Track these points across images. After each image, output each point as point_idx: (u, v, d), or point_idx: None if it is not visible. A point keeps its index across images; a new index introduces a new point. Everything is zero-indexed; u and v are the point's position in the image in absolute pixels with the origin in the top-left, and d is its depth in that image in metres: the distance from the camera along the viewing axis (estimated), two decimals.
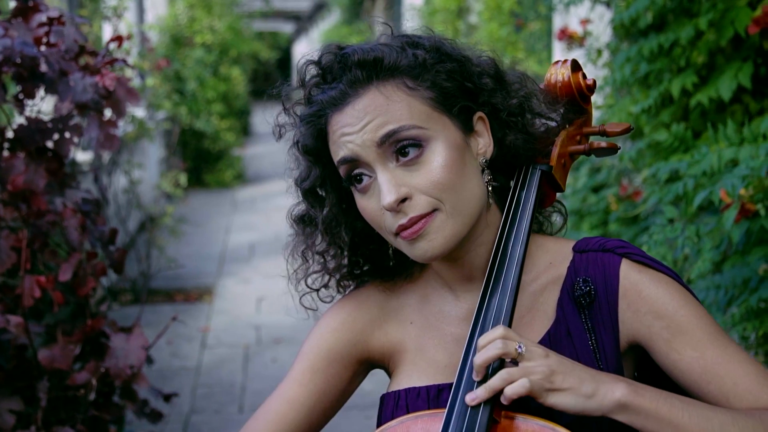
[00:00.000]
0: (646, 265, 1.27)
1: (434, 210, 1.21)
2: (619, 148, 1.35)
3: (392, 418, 1.31)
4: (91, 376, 2.45)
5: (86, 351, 2.52)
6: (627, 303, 1.26)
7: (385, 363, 1.40)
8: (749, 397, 1.20)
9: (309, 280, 1.39)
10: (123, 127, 5.85)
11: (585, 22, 4.28)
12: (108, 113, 2.50)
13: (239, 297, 6.22)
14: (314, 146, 1.29)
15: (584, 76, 1.36)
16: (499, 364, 1.15)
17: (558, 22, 6.10)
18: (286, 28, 34.06)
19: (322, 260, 1.37)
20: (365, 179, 1.24)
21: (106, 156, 5.79)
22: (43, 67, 2.34)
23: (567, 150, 1.33)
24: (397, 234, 1.23)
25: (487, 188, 1.27)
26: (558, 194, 1.38)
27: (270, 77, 37.28)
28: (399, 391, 1.34)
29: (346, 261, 1.36)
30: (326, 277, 1.38)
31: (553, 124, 1.34)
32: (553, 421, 1.16)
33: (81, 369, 2.53)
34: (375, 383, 4.40)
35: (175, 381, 4.47)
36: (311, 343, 1.40)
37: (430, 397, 1.30)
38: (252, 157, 15.49)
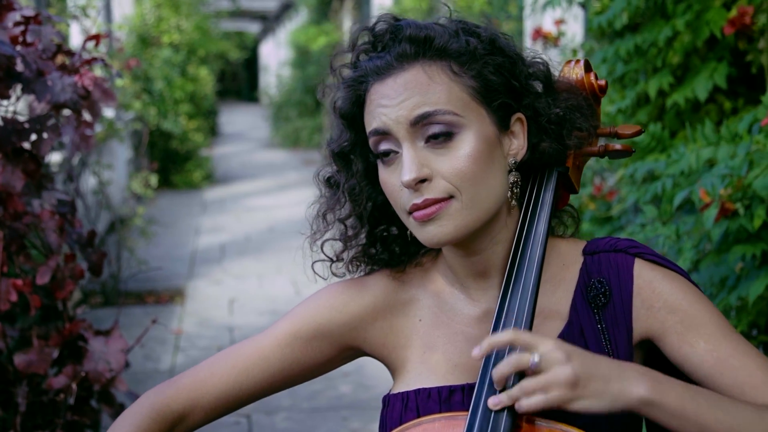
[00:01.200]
0: (657, 263, 1.28)
1: (450, 197, 1.20)
2: (634, 151, 1.34)
3: (401, 420, 1.28)
4: (69, 381, 2.42)
5: (64, 355, 2.48)
6: (641, 300, 1.26)
7: (384, 356, 1.37)
8: (765, 388, 1.19)
9: (325, 247, 1.37)
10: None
11: (559, 22, 4.30)
12: (84, 113, 2.47)
13: (211, 298, 6.17)
14: (350, 111, 1.28)
15: (596, 77, 1.35)
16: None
17: (530, 23, 6.13)
18: (253, 28, 33.91)
19: (342, 227, 1.35)
20: (391, 153, 1.23)
21: (75, 157, 5.71)
22: (19, 67, 2.30)
23: (582, 152, 1.33)
24: (410, 213, 1.22)
25: (512, 189, 1.26)
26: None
27: (237, 77, 37.13)
28: (408, 392, 1.30)
29: (363, 236, 1.34)
30: (341, 248, 1.36)
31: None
32: (573, 425, 1.16)
33: (58, 373, 2.50)
34: (353, 384, 4.39)
35: (148, 384, 4.42)
36: (305, 310, 1.37)
37: (442, 399, 1.28)
38: (220, 157, 15.41)
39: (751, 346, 1.23)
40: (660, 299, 1.25)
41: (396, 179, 1.23)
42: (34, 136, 2.33)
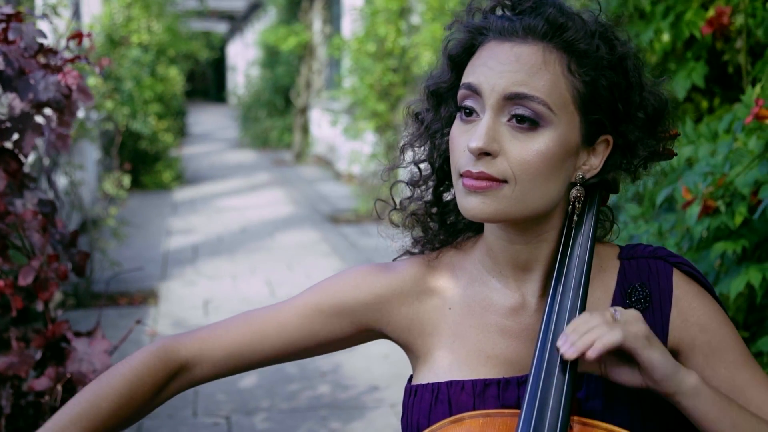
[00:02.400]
0: (693, 276, 1.31)
1: (504, 181, 1.19)
2: (676, 154, 1.34)
3: (431, 412, 1.26)
4: (52, 383, 2.39)
5: (46, 357, 2.46)
6: (678, 311, 1.28)
7: (408, 342, 1.35)
8: None
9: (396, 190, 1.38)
10: None
11: None
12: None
13: (185, 299, 6.13)
14: (459, 55, 1.26)
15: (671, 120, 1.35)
16: None
17: None
18: (220, 28, 33.72)
19: (416, 172, 1.35)
20: (473, 113, 1.21)
21: (47, 157, 5.64)
22: (0, 65, 2.27)
23: None
24: (461, 175, 1.21)
25: (575, 204, 1.25)
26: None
27: (204, 78, 36.90)
28: (439, 383, 1.28)
29: (430, 190, 1.34)
30: (408, 193, 1.36)
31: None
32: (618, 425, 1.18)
33: (39, 375, 2.47)
34: (331, 385, 4.37)
35: None
36: (330, 285, 1.35)
37: (476, 393, 1.25)
38: (189, 158, 15.32)
39: (765, 376, 1.27)
40: (695, 315, 1.27)
41: (465, 140, 1.21)
42: (16, 135, 2.30)
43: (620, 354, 1.15)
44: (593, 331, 1.11)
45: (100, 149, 9.61)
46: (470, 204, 1.20)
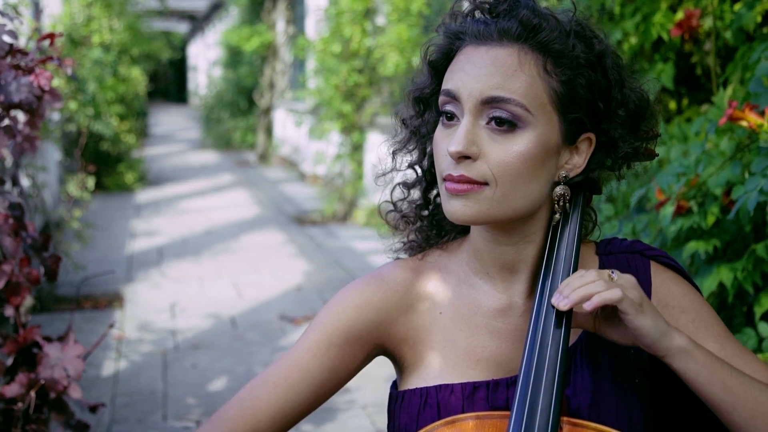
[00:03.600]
0: (670, 265, 1.33)
1: (485, 183, 1.19)
2: (657, 155, 1.36)
3: (419, 416, 1.26)
4: (24, 389, 2.35)
5: (17, 362, 2.41)
6: (658, 299, 1.30)
7: (402, 352, 1.33)
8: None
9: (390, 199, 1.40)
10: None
11: None
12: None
13: (151, 302, 6.07)
14: (438, 61, 1.28)
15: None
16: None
17: None
18: (181, 27, 33.46)
19: (410, 175, 1.38)
20: (454, 117, 1.23)
21: (8, 159, 5.56)
22: None
23: None
24: (444, 180, 1.22)
25: (558, 202, 1.25)
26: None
27: (164, 78, 36.60)
28: (427, 387, 1.27)
29: (420, 192, 1.36)
30: (400, 194, 1.38)
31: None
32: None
33: (10, 381, 2.43)
34: None
35: (92, 391, 4.33)
36: (331, 316, 1.33)
37: (465, 395, 1.25)
38: (151, 159, 15.19)
39: (749, 351, 1.30)
40: (675, 298, 1.30)
41: (446, 144, 1.22)
42: None
43: (612, 314, 1.18)
44: (591, 285, 1.14)
45: (62, 151, 9.49)
46: (453, 207, 1.21)
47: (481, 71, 1.19)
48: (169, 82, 38.90)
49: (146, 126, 17.84)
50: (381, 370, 4.60)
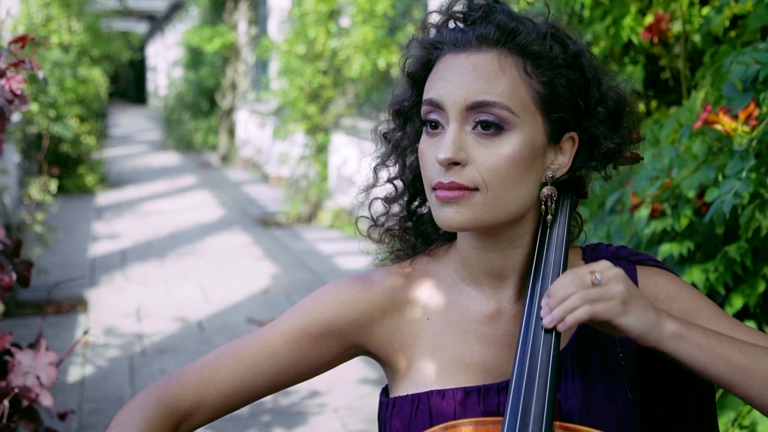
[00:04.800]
0: (656, 266, 1.33)
1: (476, 189, 1.19)
2: (642, 158, 1.36)
3: (410, 423, 1.26)
4: None
5: None
6: (646, 295, 1.28)
7: (388, 356, 1.33)
8: None
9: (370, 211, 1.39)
10: None
11: None
12: None
13: (116, 307, 6.00)
14: (418, 72, 1.28)
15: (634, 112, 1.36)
16: None
17: None
18: (139, 28, 33.15)
19: (390, 188, 1.36)
20: (439, 126, 1.22)
21: None
22: None
23: None
24: (434, 189, 1.22)
25: (546, 203, 1.25)
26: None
27: (123, 79, 36.24)
28: (419, 394, 1.27)
29: (403, 205, 1.35)
30: (382, 209, 1.36)
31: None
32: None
33: None
34: (292, 397, 4.33)
35: (58, 398, 4.26)
36: (313, 305, 1.32)
37: (456, 401, 1.25)
38: (111, 160, 15.02)
39: (744, 324, 1.30)
40: (662, 290, 1.30)
41: (433, 152, 1.22)
42: None
43: None
44: (567, 302, 1.13)
45: (20, 153, 9.34)
46: (445, 215, 1.21)
47: (464, 78, 1.19)
48: (128, 83, 38.51)
49: (106, 127, 17.63)
50: (352, 372, 4.60)
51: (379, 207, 1.39)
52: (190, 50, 16.75)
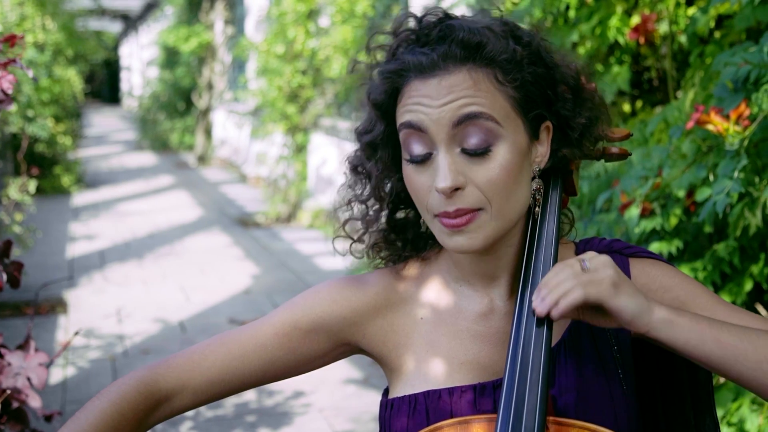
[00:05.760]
0: (649, 258, 1.33)
1: (480, 209, 1.20)
2: (630, 154, 1.37)
3: (408, 424, 1.26)
4: None
5: None
6: (639, 287, 1.28)
7: (382, 355, 1.35)
8: None
9: (348, 227, 1.36)
10: None
11: None
12: None
13: (96, 308, 5.95)
14: (384, 102, 1.25)
15: (587, 80, 1.35)
16: None
17: None
18: (113, 27, 32.90)
19: (363, 209, 1.34)
20: (423, 152, 1.21)
21: None
22: None
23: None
24: (436, 216, 1.21)
25: (535, 196, 1.26)
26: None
27: (96, 78, 35.98)
28: (416, 394, 1.28)
29: (384, 220, 1.34)
30: (362, 229, 1.35)
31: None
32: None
33: None
34: (256, 391, 4.32)
35: (41, 399, 4.22)
36: (305, 301, 1.34)
37: (452, 400, 1.26)
38: (87, 160, 14.91)
39: (741, 308, 1.30)
40: (655, 281, 1.30)
41: (425, 179, 1.21)
42: None
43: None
44: (559, 287, 1.14)
45: None
46: (458, 243, 1.22)
47: (442, 101, 1.19)
48: (102, 83, 38.22)
49: (81, 127, 17.49)
50: (337, 373, 4.60)
51: (356, 224, 1.38)
52: (165, 50, 16.65)
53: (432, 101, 1.19)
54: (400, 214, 1.36)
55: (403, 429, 1.28)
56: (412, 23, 1.25)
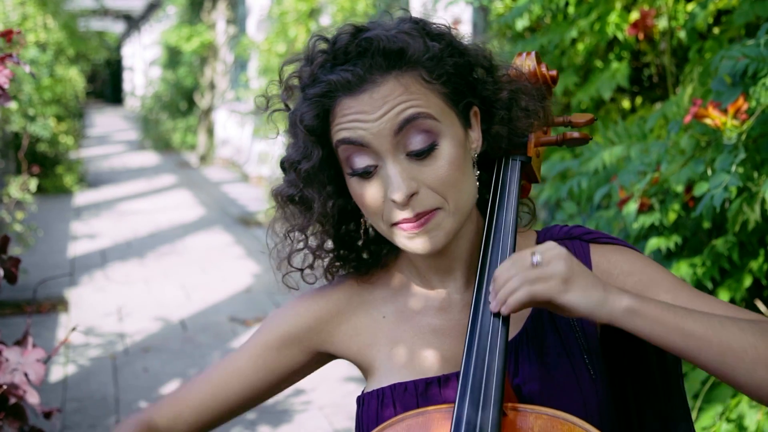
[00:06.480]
0: (611, 243, 1.33)
1: (437, 208, 1.21)
2: (591, 138, 1.37)
3: (377, 417, 1.28)
4: None
5: None
6: (600, 273, 1.29)
7: (353, 357, 1.38)
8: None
9: (293, 260, 1.35)
10: None
11: (457, 23, 4.37)
12: None
13: (98, 306, 5.95)
14: (317, 126, 1.23)
15: (547, 68, 1.37)
16: None
17: None
18: (116, 27, 32.91)
19: (303, 237, 1.33)
20: (368, 166, 1.21)
21: None
22: None
23: (540, 141, 1.34)
24: (394, 224, 1.22)
25: (476, 183, 1.27)
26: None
27: (100, 78, 36.00)
28: (383, 388, 1.30)
29: (330, 242, 1.34)
30: (311, 258, 1.35)
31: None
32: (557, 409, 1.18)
33: None
34: (277, 395, 4.30)
35: (41, 397, 4.18)
36: (272, 322, 1.40)
37: (419, 392, 1.28)
38: (89, 160, 14.91)
39: (703, 293, 1.28)
40: (617, 267, 1.29)
41: (375, 191, 1.21)
42: None
43: None
44: (507, 285, 1.13)
45: None
46: (420, 244, 1.22)
47: (379, 112, 1.19)
48: (105, 83, 38.25)
49: (83, 127, 17.50)
50: (337, 370, 4.59)
51: (299, 259, 1.37)
52: (167, 50, 16.65)
53: (368, 116, 1.19)
54: (345, 229, 1.35)
55: (373, 423, 1.30)
56: (323, 45, 1.24)
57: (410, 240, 1.22)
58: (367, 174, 1.21)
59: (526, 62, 1.37)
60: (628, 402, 1.34)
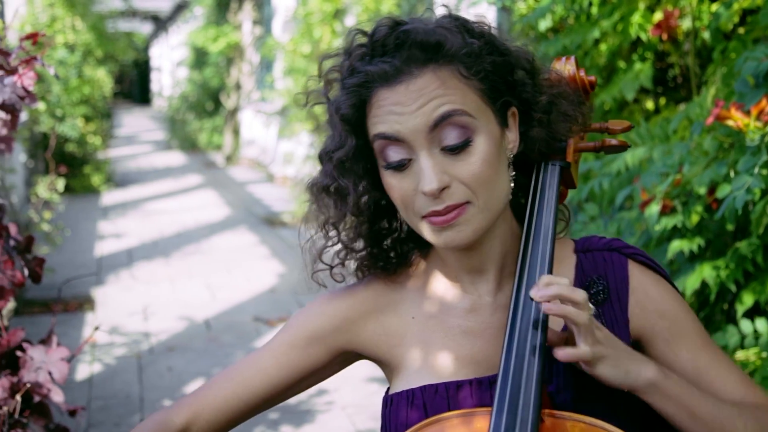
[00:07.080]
0: (648, 266, 1.33)
1: (467, 202, 1.21)
2: (629, 146, 1.37)
3: (408, 418, 1.27)
4: (6, 393, 2.31)
5: (0, 366, 2.37)
6: (636, 300, 1.30)
7: (379, 357, 1.37)
8: (736, 398, 1.28)
9: (324, 256, 1.36)
10: None
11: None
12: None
13: (124, 305, 6.00)
14: (353, 116, 1.24)
15: (585, 73, 1.37)
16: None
17: None
18: (144, 28, 33.16)
19: (336, 232, 1.33)
20: (402, 159, 1.22)
21: None
22: None
23: (579, 147, 1.35)
24: (424, 217, 1.22)
25: (510, 184, 1.27)
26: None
27: (127, 79, 36.29)
28: (413, 389, 1.30)
29: (364, 239, 1.34)
30: (344, 253, 1.34)
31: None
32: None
33: None
34: (299, 395, 4.32)
35: (67, 395, 4.20)
36: (297, 320, 1.39)
37: (449, 395, 1.27)
38: (116, 160, 15.04)
39: (726, 357, 1.31)
40: (653, 303, 1.31)
41: (407, 184, 1.22)
42: None
43: None
44: (563, 287, 1.14)
45: (27, 152, 9.36)
46: (448, 238, 1.23)
47: (415, 105, 1.19)
48: (133, 84, 38.57)
49: (111, 127, 17.64)
50: (360, 371, 4.58)
51: (330, 255, 1.37)
52: (194, 50, 16.76)
53: (404, 108, 1.19)
54: (378, 226, 1.35)
55: (402, 423, 1.29)
56: (362, 39, 1.26)
57: (438, 234, 1.23)
58: (401, 167, 1.22)
59: (566, 67, 1.37)
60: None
